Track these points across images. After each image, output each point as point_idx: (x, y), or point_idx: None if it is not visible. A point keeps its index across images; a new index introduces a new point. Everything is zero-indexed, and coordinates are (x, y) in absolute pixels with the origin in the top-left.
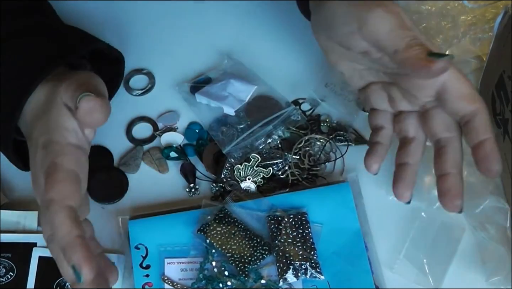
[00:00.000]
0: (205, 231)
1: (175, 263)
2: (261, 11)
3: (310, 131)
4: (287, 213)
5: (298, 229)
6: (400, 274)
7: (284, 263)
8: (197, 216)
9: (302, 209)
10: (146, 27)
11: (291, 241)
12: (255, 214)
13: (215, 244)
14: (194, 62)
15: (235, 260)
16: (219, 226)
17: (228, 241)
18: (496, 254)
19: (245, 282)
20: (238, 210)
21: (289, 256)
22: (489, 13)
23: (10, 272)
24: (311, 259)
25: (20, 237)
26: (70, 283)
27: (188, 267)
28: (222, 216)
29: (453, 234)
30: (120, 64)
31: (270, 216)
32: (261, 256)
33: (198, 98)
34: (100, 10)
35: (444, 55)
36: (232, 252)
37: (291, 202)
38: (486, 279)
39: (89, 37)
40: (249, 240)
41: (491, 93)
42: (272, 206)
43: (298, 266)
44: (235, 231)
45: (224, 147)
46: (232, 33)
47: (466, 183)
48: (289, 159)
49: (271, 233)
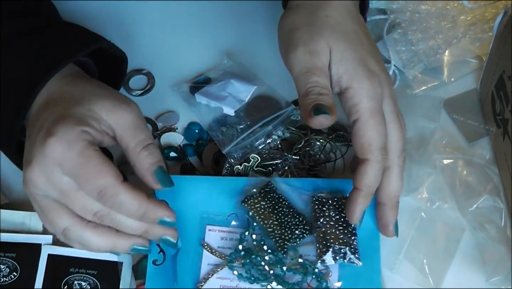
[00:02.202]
0: (249, 203)
1: (216, 231)
2: (261, 11)
3: (310, 132)
4: (332, 196)
5: (342, 212)
6: (400, 274)
7: (323, 244)
8: (242, 185)
9: (346, 194)
10: (146, 27)
11: (333, 223)
12: (300, 193)
13: (258, 217)
14: (193, 62)
15: (275, 235)
16: (264, 200)
17: (271, 216)
18: (496, 254)
19: (283, 259)
20: (284, 187)
21: (329, 238)
22: (489, 13)
23: (14, 272)
24: (351, 244)
25: (25, 238)
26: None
27: (228, 236)
28: (268, 190)
29: (453, 234)
30: (123, 63)
31: (315, 197)
32: (301, 235)
33: (198, 99)
34: (100, 11)
35: (324, 113)
36: (273, 227)
37: (336, 186)
38: (486, 279)
39: (95, 35)
40: (291, 217)
41: (491, 93)
42: (318, 187)
43: (338, 249)
44: (279, 207)
45: (223, 147)
46: (232, 33)
47: (463, 182)
48: (289, 159)
49: (314, 214)
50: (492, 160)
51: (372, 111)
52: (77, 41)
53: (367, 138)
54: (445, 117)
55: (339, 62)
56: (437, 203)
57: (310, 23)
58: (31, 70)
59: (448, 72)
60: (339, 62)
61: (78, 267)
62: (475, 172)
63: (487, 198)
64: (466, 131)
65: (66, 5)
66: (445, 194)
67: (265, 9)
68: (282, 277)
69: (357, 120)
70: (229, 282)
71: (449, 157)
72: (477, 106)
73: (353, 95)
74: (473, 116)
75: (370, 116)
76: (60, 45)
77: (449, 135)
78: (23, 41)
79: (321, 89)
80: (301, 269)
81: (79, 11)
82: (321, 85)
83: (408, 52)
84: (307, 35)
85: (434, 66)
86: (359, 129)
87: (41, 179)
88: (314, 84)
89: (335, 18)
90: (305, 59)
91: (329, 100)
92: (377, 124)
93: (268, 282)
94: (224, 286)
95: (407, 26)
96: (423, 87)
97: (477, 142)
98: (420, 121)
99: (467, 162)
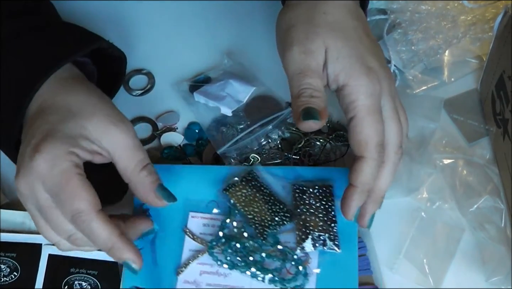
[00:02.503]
0: (230, 191)
1: (198, 218)
2: (262, 11)
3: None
4: (313, 184)
5: (322, 200)
6: (400, 274)
7: (303, 232)
8: (225, 173)
9: (328, 182)
10: (146, 27)
11: (313, 211)
12: (281, 181)
13: (239, 205)
14: (194, 62)
15: (255, 222)
16: (245, 188)
17: (252, 203)
18: (496, 254)
19: (262, 245)
20: (266, 175)
21: (309, 225)
22: (489, 13)
23: (14, 271)
24: (330, 231)
25: (26, 237)
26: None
27: (210, 223)
28: (249, 178)
29: (453, 234)
30: (122, 63)
31: (296, 185)
32: (281, 222)
33: (196, 98)
34: (101, 11)
35: (313, 118)
36: (253, 214)
37: (319, 175)
38: (486, 279)
39: (93, 35)
40: (271, 205)
41: (491, 93)
42: (300, 176)
43: (317, 236)
44: (260, 195)
45: (218, 148)
46: (232, 33)
47: (464, 182)
48: (289, 159)
49: (295, 202)
50: (492, 160)
51: (369, 109)
52: (75, 41)
53: (363, 135)
54: (445, 117)
55: (335, 60)
56: (437, 203)
57: (307, 21)
58: (29, 70)
59: (448, 72)
60: (336, 60)
61: (79, 267)
62: (475, 172)
63: (487, 198)
64: (466, 131)
65: (66, 5)
66: (445, 194)
67: (265, 9)
68: (262, 263)
69: (354, 118)
70: (210, 267)
71: (449, 157)
72: (477, 106)
73: (350, 93)
74: (473, 116)
75: (367, 114)
76: (58, 45)
77: (449, 135)
78: (22, 40)
79: (313, 91)
80: (280, 256)
81: (79, 11)
82: (313, 87)
83: (408, 52)
84: (303, 34)
85: (434, 66)
86: (356, 126)
87: (26, 190)
88: (306, 86)
89: (333, 15)
90: (299, 59)
91: (320, 103)
92: (374, 121)
93: (247, 268)
94: (205, 272)
95: (407, 26)
96: (423, 87)
97: (477, 142)
98: (420, 121)
99: (467, 161)
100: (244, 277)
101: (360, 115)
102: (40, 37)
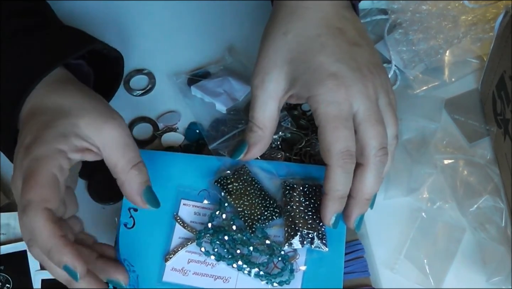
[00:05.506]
0: (222, 183)
1: (190, 206)
2: (264, 10)
3: (310, 132)
4: (303, 182)
5: (311, 199)
6: (400, 274)
7: (292, 228)
8: (218, 165)
9: (319, 181)
10: (147, 27)
11: (302, 209)
12: (272, 177)
13: (229, 198)
14: (194, 62)
15: (244, 215)
16: (236, 181)
17: (242, 197)
18: (497, 254)
19: (250, 238)
20: (257, 170)
21: (298, 222)
22: (490, 13)
23: (6, 284)
24: (319, 229)
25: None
26: (66, 284)
27: (202, 212)
28: (241, 172)
29: (453, 234)
30: (119, 63)
31: (286, 182)
32: (270, 217)
33: (193, 92)
34: (101, 11)
35: (240, 152)
36: (243, 207)
37: (311, 172)
38: (487, 279)
39: (86, 37)
40: (262, 199)
41: (492, 93)
42: (292, 172)
43: (305, 234)
44: (251, 189)
45: (210, 143)
46: (234, 29)
47: (464, 182)
48: (290, 159)
49: (284, 198)
50: (492, 160)
51: (329, 116)
52: (67, 44)
53: (325, 143)
54: (446, 118)
55: (295, 80)
56: (437, 203)
57: (268, 45)
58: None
59: (449, 72)
60: (295, 80)
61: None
62: (475, 172)
63: (488, 198)
64: (466, 131)
65: (66, 5)
66: (445, 194)
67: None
68: (249, 257)
69: (318, 126)
70: (198, 256)
71: (450, 157)
72: (478, 107)
73: (312, 103)
74: (474, 116)
75: (327, 122)
76: (48, 49)
77: (450, 136)
78: (12, 44)
79: (253, 125)
80: (268, 250)
81: (79, 11)
82: (254, 120)
83: (409, 52)
84: (264, 62)
85: (435, 66)
86: (320, 134)
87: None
88: (250, 118)
89: (295, 30)
90: (254, 86)
91: (255, 138)
92: (335, 129)
93: (234, 260)
94: (193, 260)
95: (408, 26)
96: (424, 87)
97: (478, 142)
98: (421, 121)
99: (467, 162)
100: (231, 268)
101: (322, 124)
102: (35, 39)
